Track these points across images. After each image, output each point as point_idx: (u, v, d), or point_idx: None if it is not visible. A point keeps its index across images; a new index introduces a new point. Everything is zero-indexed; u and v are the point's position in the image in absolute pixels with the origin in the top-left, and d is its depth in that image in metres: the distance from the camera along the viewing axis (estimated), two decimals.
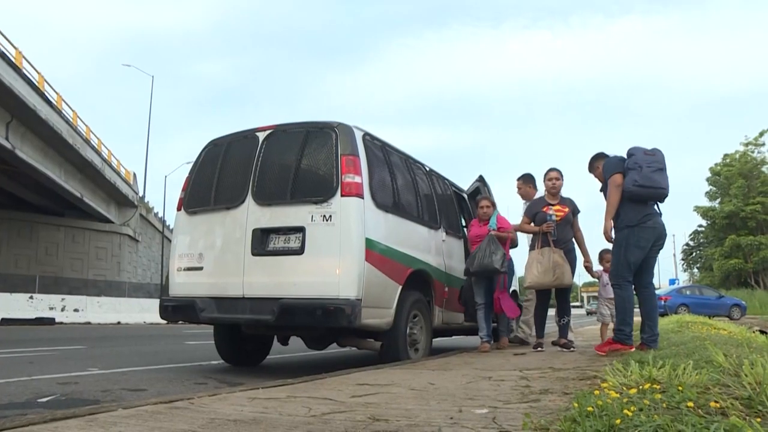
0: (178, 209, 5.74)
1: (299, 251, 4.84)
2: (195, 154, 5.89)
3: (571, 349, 6.01)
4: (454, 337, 10.21)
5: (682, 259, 57.07)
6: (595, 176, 5.62)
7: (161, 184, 61.42)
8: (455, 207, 7.21)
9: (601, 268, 7.04)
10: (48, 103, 22.28)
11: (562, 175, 6.23)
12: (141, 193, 37.43)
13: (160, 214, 41.25)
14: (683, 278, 54.33)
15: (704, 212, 49.61)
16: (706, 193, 50.96)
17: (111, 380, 4.71)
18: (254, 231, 5.05)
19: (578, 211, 6.26)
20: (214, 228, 5.34)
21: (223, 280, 5.14)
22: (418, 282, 5.66)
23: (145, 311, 22.73)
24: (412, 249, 5.56)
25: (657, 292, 31.27)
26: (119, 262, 35.65)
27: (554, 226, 5.93)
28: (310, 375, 3.93)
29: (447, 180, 7.32)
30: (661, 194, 5.10)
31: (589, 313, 52.49)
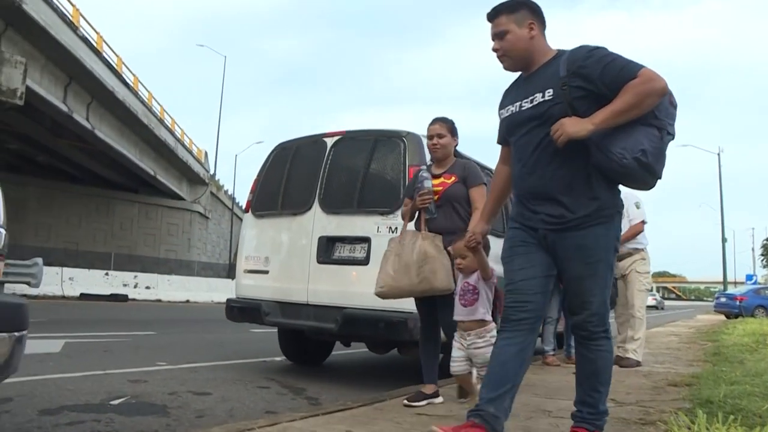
0: (246, 211, 5.82)
1: (364, 261, 4.80)
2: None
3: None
4: None
5: (762, 254, 54.40)
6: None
7: (232, 161, 62.78)
8: None
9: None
10: (125, 84, 23.14)
11: (452, 131, 3.85)
12: (212, 171, 38.41)
13: (230, 192, 42.24)
14: (762, 274, 51.68)
15: None
16: None
17: (178, 379, 4.86)
18: (320, 239, 5.04)
19: (479, 181, 3.74)
20: (281, 233, 5.38)
21: (288, 285, 5.18)
22: None
23: (213, 290, 23.40)
24: None
25: (732, 291, 29.01)
26: (189, 239, 36.93)
27: (431, 199, 3.68)
28: (369, 381, 3.89)
29: None
30: None
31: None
